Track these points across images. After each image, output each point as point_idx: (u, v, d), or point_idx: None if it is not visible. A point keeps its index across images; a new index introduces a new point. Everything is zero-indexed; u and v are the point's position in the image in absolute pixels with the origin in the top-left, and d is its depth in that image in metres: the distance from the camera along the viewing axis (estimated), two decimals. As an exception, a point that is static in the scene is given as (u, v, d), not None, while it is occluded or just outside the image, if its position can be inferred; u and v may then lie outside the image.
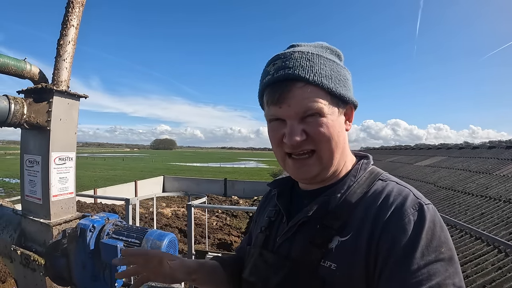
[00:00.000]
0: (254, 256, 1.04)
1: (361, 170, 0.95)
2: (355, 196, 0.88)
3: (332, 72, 0.87)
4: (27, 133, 1.96)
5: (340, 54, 0.96)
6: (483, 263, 4.11)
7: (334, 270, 0.81)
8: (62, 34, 1.88)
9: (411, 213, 0.78)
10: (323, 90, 0.84)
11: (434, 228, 0.77)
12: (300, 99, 0.83)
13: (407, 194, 0.83)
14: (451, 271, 0.73)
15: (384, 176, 0.93)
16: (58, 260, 1.79)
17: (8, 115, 1.63)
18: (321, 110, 0.84)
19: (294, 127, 0.85)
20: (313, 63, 0.85)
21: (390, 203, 0.81)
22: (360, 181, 0.92)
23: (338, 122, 0.88)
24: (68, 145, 1.97)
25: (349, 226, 0.84)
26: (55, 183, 1.91)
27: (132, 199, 5.29)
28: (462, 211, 6.33)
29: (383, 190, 0.86)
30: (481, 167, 9.78)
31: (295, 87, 0.83)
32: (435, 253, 0.73)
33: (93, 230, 1.74)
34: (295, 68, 0.84)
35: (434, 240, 0.75)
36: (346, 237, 0.83)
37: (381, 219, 0.79)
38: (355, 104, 0.96)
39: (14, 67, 1.78)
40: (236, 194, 21.34)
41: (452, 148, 15.75)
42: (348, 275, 0.80)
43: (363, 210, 0.84)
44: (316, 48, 0.92)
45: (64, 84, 1.91)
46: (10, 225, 2.03)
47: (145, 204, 15.61)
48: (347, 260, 0.80)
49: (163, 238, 1.68)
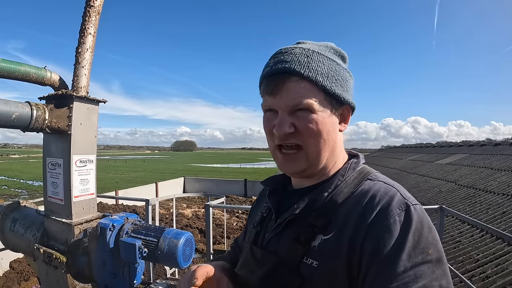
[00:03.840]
0: (245, 251, 1.06)
1: (349, 170, 0.95)
2: (342, 196, 0.88)
3: (329, 71, 0.88)
4: (49, 138, 2.04)
5: (344, 56, 0.97)
6: (503, 263, 4.02)
7: (315, 267, 0.82)
8: (80, 42, 1.95)
9: (397, 213, 0.77)
10: (317, 87, 0.86)
11: (422, 229, 0.76)
12: (292, 92, 0.86)
13: (393, 194, 0.82)
14: (439, 273, 0.72)
15: (373, 176, 0.93)
16: (79, 258, 1.86)
17: (31, 120, 1.71)
18: (312, 106, 0.85)
19: (283, 119, 0.87)
20: (311, 60, 0.87)
21: (375, 203, 0.81)
22: (348, 180, 0.92)
23: (329, 120, 0.89)
24: (88, 148, 2.05)
25: (333, 225, 0.84)
26: (76, 184, 1.98)
27: (152, 199, 5.37)
28: (483, 210, 6.18)
29: (369, 190, 0.86)
30: (503, 165, 9.53)
31: (290, 81, 0.86)
32: (422, 254, 0.72)
33: (113, 229, 1.80)
34: (292, 62, 0.86)
35: (422, 242, 0.74)
36: (329, 236, 0.83)
37: (366, 219, 0.79)
38: (352, 106, 0.96)
39: (35, 75, 1.86)
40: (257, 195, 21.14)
41: (473, 145, 15.39)
42: (329, 273, 0.80)
43: (348, 210, 0.84)
44: (319, 47, 0.93)
45: (83, 90, 1.98)
46: (33, 225, 2.12)
47: (165, 205, 15.79)
48: (329, 258, 0.81)
49: (180, 237, 1.72)
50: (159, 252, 1.71)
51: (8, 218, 2.23)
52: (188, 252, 1.75)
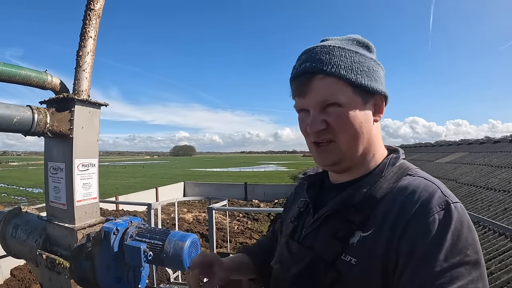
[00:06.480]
0: (281, 245, 1.06)
1: (389, 165, 0.93)
2: (381, 191, 0.86)
3: (353, 63, 0.88)
4: (50, 142, 2.03)
5: (370, 46, 0.96)
6: (507, 259, 4.00)
7: (353, 264, 0.81)
8: (80, 46, 1.95)
9: (437, 211, 0.75)
10: (342, 81, 0.86)
11: (461, 229, 0.73)
12: (319, 90, 0.87)
13: (433, 191, 0.80)
14: (475, 276, 0.70)
15: (413, 171, 0.91)
16: (82, 263, 1.83)
17: (32, 124, 1.70)
18: (339, 100, 0.86)
19: (315, 117, 0.89)
20: (332, 56, 0.87)
21: (415, 200, 0.79)
22: (387, 176, 0.90)
23: (361, 113, 0.88)
24: (90, 152, 2.03)
25: (372, 222, 0.83)
26: (78, 188, 1.97)
27: (154, 203, 5.34)
28: (485, 207, 6.17)
29: (409, 186, 0.84)
30: (503, 162, 9.52)
31: (315, 79, 0.87)
32: (460, 255, 0.70)
33: (117, 233, 1.78)
34: (314, 61, 0.87)
35: (460, 242, 0.72)
36: (368, 233, 0.82)
37: (405, 216, 0.77)
38: (385, 95, 0.94)
39: (36, 79, 1.85)
40: (257, 198, 21.20)
41: (473, 143, 15.40)
42: (367, 270, 0.79)
43: (387, 206, 0.83)
44: (341, 41, 0.93)
45: (84, 93, 1.97)
46: (36, 230, 2.10)
47: (166, 209, 15.73)
48: (367, 256, 0.80)
49: (186, 239, 1.70)
50: (164, 255, 1.69)
51: (9, 224, 2.21)
52: (194, 255, 1.73)
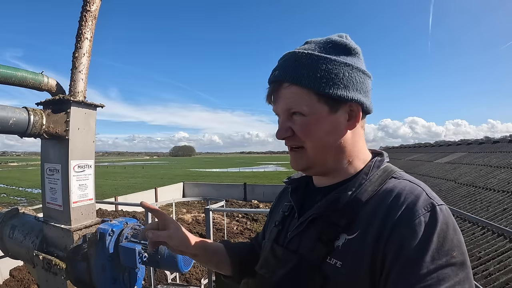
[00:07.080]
0: (266, 250, 1.06)
1: (373, 168, 0.92)
2: (366, 194, 0.86)
3: (318, 71, 0.85)
4: (46, 143, 2.04)
5: (350, 48, 0.91)
6: (506, 260, 4.01)
7: (339, 268, 0.81)
8: (76, 47, 1.95)
9: (423, 213, 0.75)
10: (306, 90, 0.86)
11: (447, 231, 0.74)
12: (284, 98, 0.90)
13: (419, 194, 0.80)
14: (462, 277, 0.70)
15: (398, 174, 0.91)
16: (79, 264, 1.84)
17: (28, 126, 1.70)
18: (302, 109, 0.87)
19: (282, 124, 0.93)
20: (298, 64, 0.87)
21: (400, 203, 0.79)
22: (372, 179, 0.89)
23: (326, 121, 0.88)
24: (86, 153, 2.04)
25: (357, 224, 0.82)
26: (75, 190, 1.97)
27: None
28: (484, 208, 6.17)
29: (394, 189, 0.84)
30: (502, 162, 9.54)
31: (282, 87, 0.90)
32: (446, 257, 0.71)
33: (112, 234, 1.79)
34: (282, 69, 0.90)
35: (446, 243, 0.72)
36: (353, 235, 0.82)
37: (390, 219, 0.77)
38: (358, 101, 0.89)
39: (32, 80, 1.86)
40: (256, 198, 21.16)
41: (472, 143, 15.42)
42: (353, 273, 0.79)
43: (372, 209, 0.82)
44: (316, 45, 0.91)
45: (80, 94, 1.97)
46: (32, 231, 2.11)
47: (165, 210, 15.65)
48: (353, 259, 0.79)
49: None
50: (159, 256, 1.70)
51: (6, 225, 2.21)
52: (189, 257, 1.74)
